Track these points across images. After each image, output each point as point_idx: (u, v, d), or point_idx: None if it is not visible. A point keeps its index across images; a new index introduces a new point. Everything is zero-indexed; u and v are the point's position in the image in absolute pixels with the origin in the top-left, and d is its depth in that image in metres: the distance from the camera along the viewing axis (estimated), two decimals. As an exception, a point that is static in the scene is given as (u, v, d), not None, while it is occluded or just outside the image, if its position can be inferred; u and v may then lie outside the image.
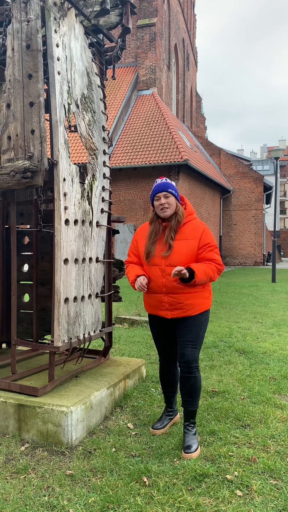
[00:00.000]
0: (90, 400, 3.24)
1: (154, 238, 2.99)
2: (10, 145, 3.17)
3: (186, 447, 2.87)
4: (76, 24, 3.51)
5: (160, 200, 2.96)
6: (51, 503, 2.35)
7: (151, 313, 3.12)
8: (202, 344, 3.06)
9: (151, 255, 2.96)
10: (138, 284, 2.93)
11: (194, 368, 2.95)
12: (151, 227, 3.04)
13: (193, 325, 2.95)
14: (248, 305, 9.80)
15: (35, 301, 4.19)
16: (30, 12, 3.12)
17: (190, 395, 2.97)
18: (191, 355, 2.93)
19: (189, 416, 3.01)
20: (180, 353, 2.97)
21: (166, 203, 2.95)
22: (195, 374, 2.95)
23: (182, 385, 2.99)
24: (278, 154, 16.58)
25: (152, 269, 2.97)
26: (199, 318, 2.97)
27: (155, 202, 3.00)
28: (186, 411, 3.01)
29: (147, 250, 2.99)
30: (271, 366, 4.87)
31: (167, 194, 2.96)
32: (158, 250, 2.95)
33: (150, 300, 3.06)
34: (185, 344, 2.94)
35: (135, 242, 3.17)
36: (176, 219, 2.96)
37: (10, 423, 3.18)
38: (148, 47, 22.31)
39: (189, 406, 2.99)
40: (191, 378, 2.95)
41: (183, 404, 3.02)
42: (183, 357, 2.94)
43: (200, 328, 2.98)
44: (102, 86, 3.94)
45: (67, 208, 3.24)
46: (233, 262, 26.91)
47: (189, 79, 31.17)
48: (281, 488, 2.50)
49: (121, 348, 5.63)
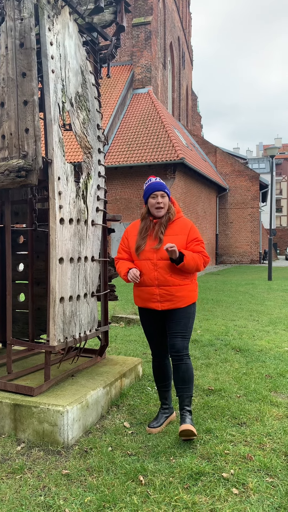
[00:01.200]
0: (86, 399, 3.23)
1: (145, 233, 3.14)
2: (4, 144, 3.16)
3: (182, 421, 3.01)
4: (70, 22, 3.50)
5: (157, 199, 3.10)
6: (47, 503, 2.35)
7: (142, 306, 3.21)
8: (191, 334, 3.19)
9: (141, 249, 3.10)
10: (131, 275, 3.04)
11: (184, 356, 3.07)
12: (142, 223, 3.19)
13: (182, 317, 3.09)
14: (244, 303, 9.81)
15: (31, 301, 4.17)
16: (24, 10, 3.10)
17: (183, 381, 3.08)
18: (181, 344, 3.07)
19: (184, 403, 3.10)
20: (171, 344, 3.10)
21: (162, 203, 3.10)
22: (186, 361, 3.08)
23: (175, 373, 3.11)
24: (274, 152, 16.61)
25: (144, 263, 3.10)
26: (188, 310, 3.12)
27: (151, 199, 3.12)
28: (181, 399, 3.11)
29: (137, 244, 3.13)
30: (267, 364, 4.88)
31: (164, 194, 3.12)
32: (149, 245, 3.09)
33: (141, 293, 3.16)
34: (175, 335, 3.08)
35: (125, 240, 3.28)
36: (167, 216, 3.12)
37: (6, 423, 3.17)
38: (144, 46, 22.27)
39: (183, 392, 3.09)
40: (182, 365, 3.07)
41: (178, 392, 3.12)
42: (173, 347, 3.08)
43: (189, 320, 3.12)
44: (97, 84, 3.92)
45: (62, 207, 3.23)
46: (229, 260, 26.95)
47: (185, 78, 31.15)
48: (277, 485, 2.50)
49: (118, 347, 5.63)
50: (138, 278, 3.04)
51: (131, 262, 3.20)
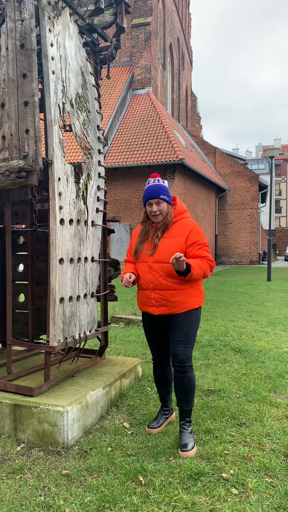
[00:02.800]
0: (86, 399, 3.24)
1: (144, 237, 3.12)
2: (5, 144, 3.17)
3: (183, 446, 2.88)
4: (70, 23, 3.51)
5: (152, 207, 3.02)
6: (47, 503, 2.35)
7: (142, 309, 3.19)
8: (194, 342, 3.08)
9: (139, 253, 3.09)
10: (124, 280, 3.04)
11: (187, 367, 2.97)
12: (142, 227, 3.18)
13: (183, 324, 2.97)
14: (244, 304, 9.82)
15: (31, 301, 4.18)
16: (24, 11, 3.11)
17: (184, 394, 2.99)
18: (183, 355, 2.95)
19: (184, 415, 3.02)
20: (173, 353, 2.99)
21: (158, 210, 3.01)
22: (189, 374, 2.97)
23: (177, 384, 3.01)
24: (273, 153, 16.63)
25: (141, 266, 3.08)
26: (189, 317, 2.98)
27: (147, 207, 3.07)
28: (182, 410, 3.03)
29: (136, 248, 3.13)
30: (266, 364, 4.88)
31: (159, 201, 3.01)
32: (145, 248, 3.07)
33: (140, 297, 3.14)
34: (177, 344, 2.97)
35: (131, 242, 3.28)
36: (164, 222, 3.03)
37: (5, 423, 3.17)
38: (143, 46, 22.29)
39: (184, 405, 3.00)
40: (185, 378, 2.97)
41: (178, 403, 3.03)
42: (176, 356, 2.97)
43: (191, 327, 2.99)
44: (97, 85, 3.93)
45: (62, 208, 3.23)
46: (229, 261, 26.96)
47: (184, 78, 31.18)
48: (276, 486, 2.51)
49: (117, 347, 5.63)
50: (129, 283, 3.01)
51: (133, 266, 3.17)
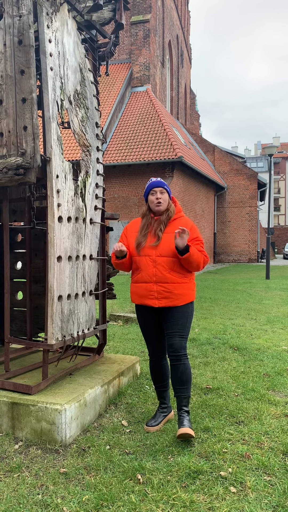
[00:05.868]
0: (84, 397, 3.23)
1: (146, 230, 3.17)
2: (3, 141, 3.15)
3: (181, 424, 3.00)
4: (68, 19, 3.48)
5: (156, 195, 3.14)
6: (45, 502, 2.35)
7: (139, 303, 3.20)
8: (189, 334, 3.19)
9: (141, 246, 3.13)
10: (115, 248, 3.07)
11: (182, 356, 3.06)
12: (143, 221, 3.22)
13: (180, 316, 3.08)
14: (242, 302, 9.82)
15: (29, 299, 4.17)
16: (22, 7, 3.08)
17: (181, 382, 3.07)
18: (179, 344, 3.06)
19: (182, 403, 3.09)
20: (169, 344, 3.10)
21: (161, 199, 3.14)
22: (184, 362, 3.07)
23: (173, 373, 3.09)
24: (272, 151, 16.61)
25: (143, 259, 3.12)
26: (185, 310, 3.11)
27: (151, 196, 3.17)
28: (179, 400, 3.10)
29: (138, 241, 3.16)
30: (265, 362, 4.88)
31: (163, 190, 3.16)
32: (149, 241, 3.12)
33: (139, 290, 3.16)
34: (173, 335, 3.07)
35: (124, 237, 3.31)
36: (167, 214, 3.16)
37: (3, 421, 3.16)
38: (142, 44, 22.22)
39: (181, 393, 3.08)
40: (181, 366, 3.06)
41: (176, 393, 3.10)
42: (171, 346, 3.07)
43: (187, 320, 3.12)
44: (95, 82, 3.91)
45: (60, 205, 3.22)
46: (227, 259, 26.96)
47: (183, 76, 31.11)
48: (275, 484, 2.50)
49: (116, 345, 5.63)
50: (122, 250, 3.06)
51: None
